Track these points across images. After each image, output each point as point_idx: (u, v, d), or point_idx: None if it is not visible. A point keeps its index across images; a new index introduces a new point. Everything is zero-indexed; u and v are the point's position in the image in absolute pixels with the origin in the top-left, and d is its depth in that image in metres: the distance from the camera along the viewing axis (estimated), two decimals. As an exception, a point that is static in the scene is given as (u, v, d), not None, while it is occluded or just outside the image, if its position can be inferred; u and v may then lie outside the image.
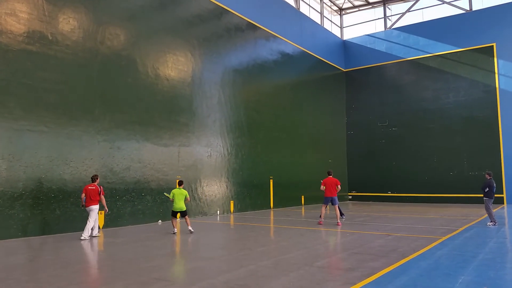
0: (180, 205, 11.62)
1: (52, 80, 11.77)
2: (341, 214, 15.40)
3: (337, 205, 13.68)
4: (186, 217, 11.79)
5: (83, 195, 10.68)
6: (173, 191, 11.73)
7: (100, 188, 10.84)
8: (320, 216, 13.71)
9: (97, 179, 10.95)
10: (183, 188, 11.98)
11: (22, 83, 11.08)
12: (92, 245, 9.76)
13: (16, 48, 11.00)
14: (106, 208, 11.19)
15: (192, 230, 11.61)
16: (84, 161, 12.36)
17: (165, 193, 12.52)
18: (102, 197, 10.85)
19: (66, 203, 11.72)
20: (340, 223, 13.30)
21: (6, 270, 6.96)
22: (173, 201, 11.70)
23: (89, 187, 10.70)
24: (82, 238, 10.33)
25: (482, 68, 24.50)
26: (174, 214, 11.76)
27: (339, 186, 13.74)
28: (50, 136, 11.57)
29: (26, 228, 10.81)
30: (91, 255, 8.67)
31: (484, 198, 13.12)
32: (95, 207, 10.68)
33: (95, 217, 10.72)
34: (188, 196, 11.79)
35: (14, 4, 11.02)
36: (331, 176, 13.92)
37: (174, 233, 11.46)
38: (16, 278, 6.39)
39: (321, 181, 14.03)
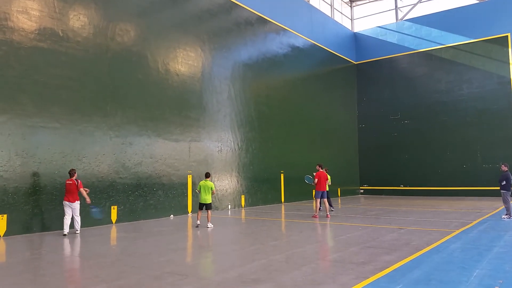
0: (204, 197, 11.66)
1: (64, 77, 11.87)
2: (331, 205, 16.19)
3: (326, 199, 14.14)
4: (209, 211, 11.75)
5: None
6: (200, 183, 11.84)
7: (78, 181, 10.62)
8: (315, 211, 14.04)
9: (75, 173, 10.72)
10: (210, 180, 11.94)
11: (34, 80, 11.19)
12: (104, 239, 9.86)
13: (28, 45, 11.11)
14: (88, 199, 10.79)
15: (210, 226, 11.57)
16: (97, 157, 12.47)
17: (196, 190, 12.44)
18: (82, 190, 10.58)
19: (79, 199, 11.82)
20: (329, 215, 13.87)
21: (22, 264, 7.07)
22: (199, 193, 11.81)
23: (67, 182, 10.58)
24: (64, 233, 10.33)
25: (496, 59, 24.07)
26: (200, 206, 11.80)
27: (329, 181, 14.28)
28: (63, 132, 11.69)
29: (40, 224, 10.97)
30: (104, 249, 8.75)
31: (502, 191, 12.90)
32: (76, 204, 10.53)
33: (69, 212, 10.54)
34: (214, 188, 11.79)
35: (25, 2, 11.11)
36: (322, 170, 14.18)
37: (197, 226, 11.58)
38: (32, 271, 6.49)
39: (314, 174, 14.19)
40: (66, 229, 10.43)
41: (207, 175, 12.02)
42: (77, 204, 10.60)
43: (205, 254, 8.09)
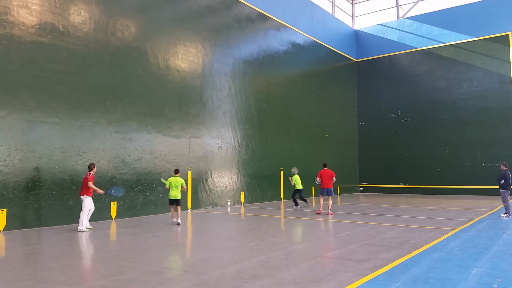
0: (175, 193, 11.61)
1: (64, 72, 11.85)
2: (305, 200, 17.30)
3: (331, 197, 14.19)
4: (178, 207, 11.64)
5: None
6: (169, 179, 11.77)
7: (90, 175, 10.50)
8: (320, 207, 14.35)
9: (93, 168, 10.66)
10: (180, 176, 11.95)
11: (34, 75, 11.17)
12: (104, 235, 9.87)
13: (28, 40, 11.08)
14: (98, 190, 10.65)
15: (179, 222, 11.53)
16: (97, 152, 12.47)
17: (161, 179, 12.58)
18: (90, 183, 10.46)
19: (79, 194, 11.83)
20: (331, 213, 13.87)
21: (22, 259, 7.08)
22: (169, 189, 11.73)
23: (84, 177, 10.65)
24: (78, 230, 10.23)
25: (497, 57, 24.03)
26: (171, 202, 11.81)
27: (334, 178, 14.18)
28: (62, 127, 11.68)
29: (40, 218, 10.98)
30: (104, 245, 8.77)
31: (501, 189, 12.92)
32: (83, 197, 10.42)
33: (84, 208, 10.40)
34: (184, 184, 11.74)
35: (26, -4, 11.08)
36: (326, 168, 14.38)
37: (173, 223, 11.59)
38: (32, 266, 6.50)
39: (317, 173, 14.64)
40: (86, 224, 10.47)
41: (177, 171, 11.98)
42: (84, 198, 10.39)
43: (204, 250, 8.09)
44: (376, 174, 27.86)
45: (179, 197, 11.70)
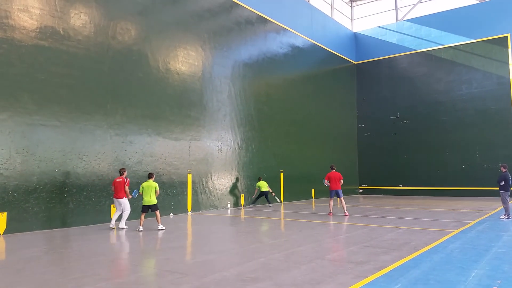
0: (150, 198, 10.96)
1: (65, 75, 11.89)
2: (268, 201, 17.87)
3: (342, 197, 14.36)
4: (156, 212, 11.06)
5: (113, 187, 11.47)
6: (142, 184, 11.13)
7: (127, 179, 11.47)
8: (330, 209, 14.50)
9: (125, 172, 11.51)
10: (153, 180, 11.30)
11: (35, 78, 11.21)
12: (104, 238, 9.89)
13: (29, 44, 11.12)
14: (129, 196, 11.51)
15: (162, 228, 10.96)
16: (97, 155, 12.50)
17: (135, 191, 11.50)
18: (127, 188, 11.42)
19: (80, 197, 11.88)
20: (347, 214, 14.09)
21: (22, 262, 7.10)
22: (142, 195, 11.07)
23: (117, 180, 11.31)
24: (122, 227, 11.18)
25: (496, 59, 24.09)
26: (144, 209, 11.07)
27: (341, 180, 14.42)
28: (63, 130, 11.72)
29: (40, 222, 10.99)
30: (104, 248, 8.78)
31: (501, 191, 12.95)
32: (122, 200, 11.29)
33: (127, 208, 11.41)
34: (158, 188, 11.13)
35: (26, 0, 11.12)
36: (334, 171, 14.57)
37: (140, 231, 10.69)
38: (32, 269, 6.51)
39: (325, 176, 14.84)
40: (112, 222, 11.28)
41: (150, 176, 11.27)
42: (125, 200, 11.30)
43: (204, 252, 8.11)
44: (375, 176, 27.88)
45: (154, 202, 11.02)
